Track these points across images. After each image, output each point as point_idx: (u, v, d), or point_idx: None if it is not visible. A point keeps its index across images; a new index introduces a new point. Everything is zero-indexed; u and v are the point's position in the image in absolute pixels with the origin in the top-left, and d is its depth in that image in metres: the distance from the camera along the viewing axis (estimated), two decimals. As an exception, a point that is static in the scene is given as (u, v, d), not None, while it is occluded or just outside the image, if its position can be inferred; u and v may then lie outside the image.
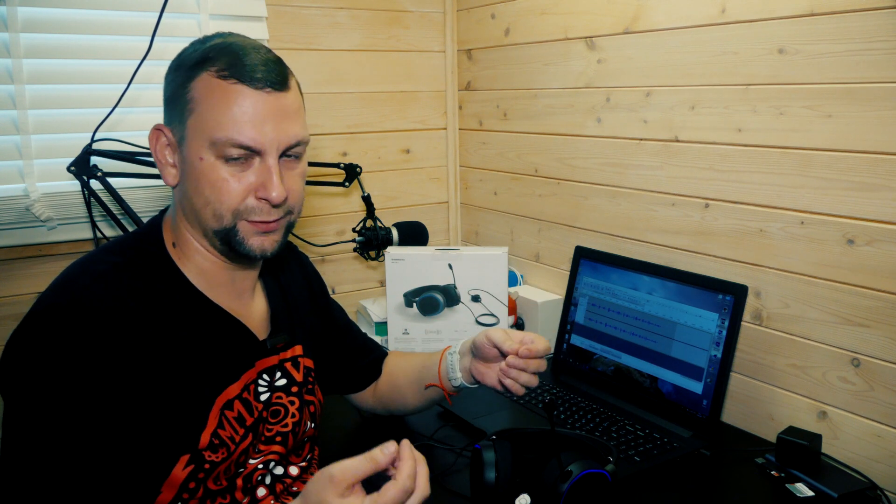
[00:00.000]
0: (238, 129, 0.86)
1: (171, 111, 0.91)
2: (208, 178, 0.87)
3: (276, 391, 1.01)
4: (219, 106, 0.86)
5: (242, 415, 0.94)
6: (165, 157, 0.92)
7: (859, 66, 1.13)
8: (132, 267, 0.90)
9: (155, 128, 0.92)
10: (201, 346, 0.91)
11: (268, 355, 1.00)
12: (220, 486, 0.91)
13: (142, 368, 0.84)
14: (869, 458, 1.18)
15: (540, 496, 0.94)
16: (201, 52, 0.89)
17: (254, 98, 0.86)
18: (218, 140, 0.86)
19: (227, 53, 0.87)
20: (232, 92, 0.86)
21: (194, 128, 0.87)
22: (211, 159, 0.87)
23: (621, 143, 1.57)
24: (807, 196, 1.23)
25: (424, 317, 1.61)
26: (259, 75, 0.86)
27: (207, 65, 0.87)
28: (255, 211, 0.89)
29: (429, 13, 1.99)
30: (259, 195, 0.89)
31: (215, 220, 0.89)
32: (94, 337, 0.81)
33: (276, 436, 1.00)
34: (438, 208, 2.12)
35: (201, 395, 0.90)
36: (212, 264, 0.95)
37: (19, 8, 1.42)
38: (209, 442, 0.89)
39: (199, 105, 0.87)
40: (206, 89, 0.87)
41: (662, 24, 1.44)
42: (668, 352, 1.35)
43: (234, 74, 0.86)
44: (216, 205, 0.88)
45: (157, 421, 0.84)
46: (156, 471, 0.85)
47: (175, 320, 0.89)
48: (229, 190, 0.88)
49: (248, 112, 0.86)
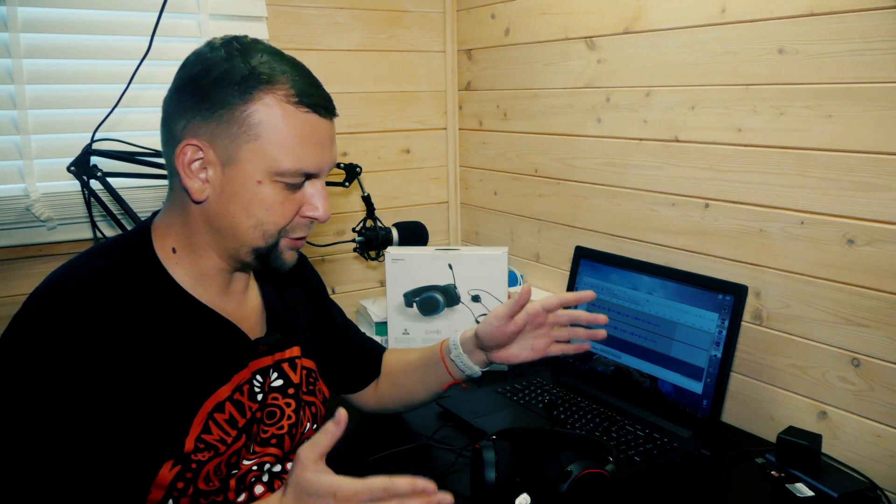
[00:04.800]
0: (310, 162, 0.87)
1: (215, 127, 0.85)
2: (264, 201, 0.87)
3: (271, 392, 1.00)
4: (293, 136, 0.86)
5: (234, 416, 0.93)
6: (194, 171, 0.87)
7: (859, 66, 1.13)
8: (116, 271, 0.88)
9: (189, 143, 0.86)
10: (190, 348, 0.90)
11: (261, 356, 0.99)
12: (213, 486, 0.91)
13: (126, 374, 0.83)
14: (869, 458, 1.18)
15: (540, 496, 0.95)
16: (249, 68, 0.84)
17: (323, 126, 0.88)
18: (287, 171, 0.86)
19: (288, 75, 0.86)
20: (307, 122, 0.87)
21: (257, 152, 0.85)
22: (268, 183, 0.87)
23: (621, 143, 1.57)
24: (807, 196, 1.23)
25: (424, 317, 1.61)
26: (325, 104, 0.88)
27: (268, 85, 0.84)
28: (298, 228, 0.92)
29: (429, 13, 1.99)
30: (307, 214, 0.91)
31: (262, 240, 0.90)
32: (75, 342, 0.80)
33: (271, 438, 0.99)
34: (438, 208, 2.12)
35: (187, 400, 0.88)
36: (214, 268, 0.94)
37: (19, 8, 1.42)
38: (194, 446, 0.88)
39: (266, 131, 0.85)
40: (274, 115, 0.84)
41: (662, 24, 1.44)
42: (668, 352, 1.35)
43: (306, 103, 0.86)
44: (268, 225, 0.89)
45: (140, 426, 0.83)
46: (141, 474, 0.84)
47: (162, 324, 0.88)
48: (284, 212, 0.89)
49: (319, 143, 0.88)
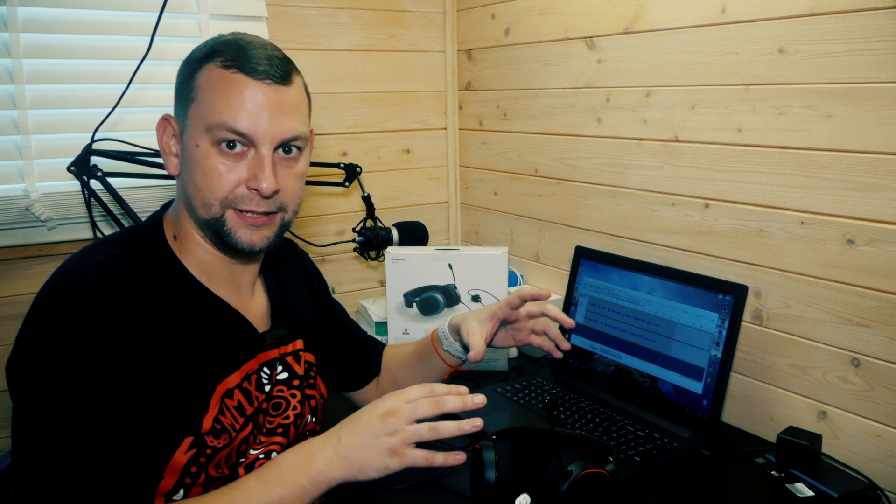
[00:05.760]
0: (233, 115, 0.87)
1: (177, 102, 0.93)
2: (202, 165, 0.89)
3: (277, 385, 1.02)
4: (218, 92, 0.88)
5: (242, 404, 0.95)
6: (170, 146, 0.94)
7: (859, 66, 1.13)
8: (131, 258, 0.91)
9: (163, 117, 0.94)
10: (201, 335, 0.92)
11: (268, 348, 1.01)
12: (222, 473, 0.92)
13: (141, 355, 0.85)
14: (869, 458, 1.18)
15: (540, 496, 0.94)
16: (210, 45, 0.92)
17: (253, 88, 0.88)
18: (212, 124, 0.87)
19: (234, 47, 0.90)
20: (232, 80, 0.88)
21: (194, 115, 0.90)
22: (206, 146, 0.89)
23: (621, 143, 1.57)
24: (807, 196, 1.23)
25: (424, 317, 1.61)
26: (261, 67, 0.88)
27: (213, 56, 0.90)
28: (244, 200, 0.90)
29: (429, 13, 1.99)
30: (250, 185, 0.90)
31: (204, 209, 0.90)
32: (92, 323, 0.82)
33: (277, 427, 1.01)
34: (438, 208, 2.12)
35: (202, 382, 0.91)
36: (211, 256, 0.96)
37: (19, 8, 1.42)
38: (211, 426, 0.90)
39: (200, 93, 0.89)
40: (208, 78, 0.89)
41: (662, 24, 1.44)
42: (668, 352, 1.35)
43: (237, 64, 0.88)
44: (206, 193, 0.89)
45: (159, 405, 0.86)
46: (159, 454, 0.86)
47: (175, 310, 0.90)
48: (220, 179, 0.89)
49: (245, 100, 0.87)
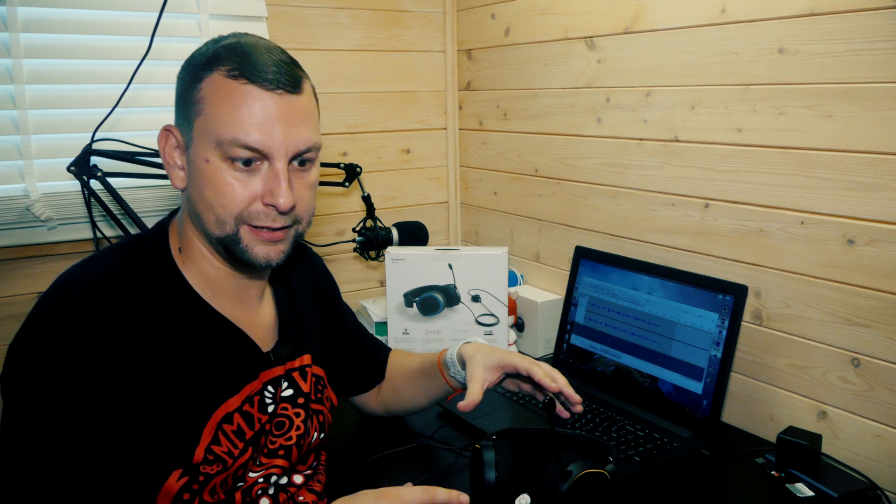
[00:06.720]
0: (245, 130, 0.82)
1: (180, 112, 0.88)
2: (212, 181, 0.84)
3: (281, 402, 0.98)
4: (226, 106, 0.82)
5: (242, 428, 0.90)
6: (174, 159, 0.89)
7: (859, 66, 1.13)
8: (132, 272, 0.87)
9: (164, 128, 0.89)
10: (201, 356, 0.88)
11: (272, 366, 0.97)
12: (218, 499, 0.88)
13: (138, 378, 0.81)
14: (869, 458, 1.18)
15: (540, 496, 0.94)
16: (212, 51, 0.86)
17: (263, 99, 0.83)
18: (223, 140, 0.82)
19: (238, 53, 0.84)
20: (241, 92, 0.82)
21: (201, 129, 0.84)
22: (217, 161, 0.83)
23: (621, 143, 1.57)
24: (806, 196, 1.23)
25: (424, 317, 1.61)
26: (270, 76, 0.83)
27: (217, 64, 0.84)
28: (260, 216, 0.85)
29: (429, 13, 1.99)
30: (266, 201, 0.85)
31: (217, 227, 0.86)
32: (88, 343, 0.79)
33: (279, 449, 0.96)
34: (438, 208, 2.12)
35: (197, 409, 0.86)
36: (217, 271, 0.92)
37: (19, 8, 1.42)
38: (203, 457, 0.86)
39: (206, 105, 0.84)
40: (214, 89, 0.83)
41: (662, 24, 1.44)
42: (668, 352, 1.35)
43: (244, 74, 0.83)
44: (219, 210, 0.84)
45: (150, 433, 0.82)
46: (149, 482, 0.82)
47: (175, 329, 0.86)
48: (233, 195, 0.84)
49: (256, 113, 0.82)
